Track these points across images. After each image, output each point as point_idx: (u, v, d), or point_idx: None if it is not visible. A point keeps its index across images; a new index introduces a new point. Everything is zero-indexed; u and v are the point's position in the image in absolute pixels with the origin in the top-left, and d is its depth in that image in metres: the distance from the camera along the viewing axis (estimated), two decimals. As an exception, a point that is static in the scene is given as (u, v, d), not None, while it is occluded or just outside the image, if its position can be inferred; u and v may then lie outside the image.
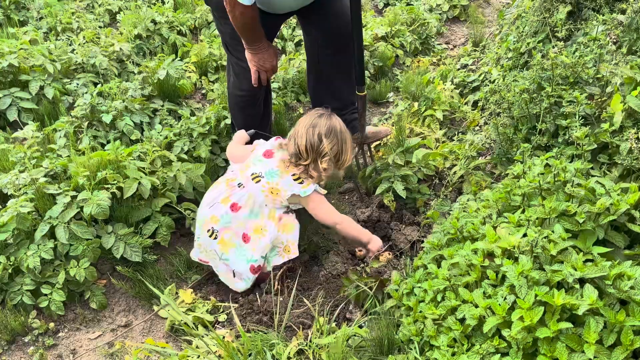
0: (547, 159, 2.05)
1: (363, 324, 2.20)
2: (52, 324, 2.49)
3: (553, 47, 2.78)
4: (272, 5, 2.63)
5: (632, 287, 1.48)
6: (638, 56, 2.44)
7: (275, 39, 5.18)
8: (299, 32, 5.07)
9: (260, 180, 2.43)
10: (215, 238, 2.47)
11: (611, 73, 2.31)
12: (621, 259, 1.67)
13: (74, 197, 2.58)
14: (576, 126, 2.18)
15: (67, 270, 2.49)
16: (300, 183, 2.39)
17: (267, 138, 2.67)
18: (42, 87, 3.84)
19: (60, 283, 2.48)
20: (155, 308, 2.56)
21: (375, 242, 2.50)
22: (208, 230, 2.48)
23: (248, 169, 2.49)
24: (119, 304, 2.63)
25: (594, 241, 1.71)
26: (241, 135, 2.86)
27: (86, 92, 3.93)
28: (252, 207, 2.44)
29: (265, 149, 2.53)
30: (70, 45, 4.70)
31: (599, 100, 2.32)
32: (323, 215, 2.47)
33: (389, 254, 2.58)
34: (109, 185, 2.65)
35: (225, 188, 2.51)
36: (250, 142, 2.79)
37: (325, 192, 2.50)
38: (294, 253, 2.50)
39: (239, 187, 2.47)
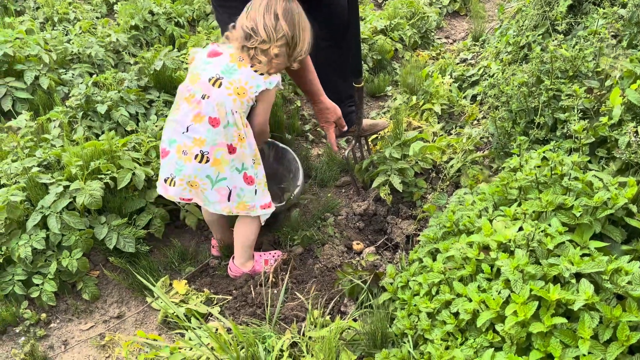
0: (544, 152, 2.02)
1: (357, 318, 2.18)
2: (43, 315, 2.46)
3: (553, 41, 2.75)
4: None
5: (629, 282, 1.46)
6: (638, 50, 2.41)
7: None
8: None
9: (221, 82, 2.18)
10: (207, 161, 2.24)
11: (611, 67, 2.28)
12: (618, 253, 1.65)
13: (66, 187, 2.56)
14: (574, 120, 2.16)
15: (59, 260, 2.47)
16: (261, 74, 2.19)
17: None
18: (37, 77, 3.81)
19: (52, 273, 2.45)
20: (149, 300, 2.53)
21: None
22: (196, 156, 2.23)
23: (200, 78, 2.22)
24: (111, 295, 2.60)
25: (590, 235, 1.68)
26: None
27: (81, 83, 3.89)
28: (225, 117, 2.20)
29: (207, 51, 2.27)
30: (66, 35, 4.66)
31: (598, 94, 2.29)
32: (263, 113, 2.34)
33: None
34: (103, 176, 2.62)
35: (189, 107, 2.24)
36: None
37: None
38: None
39: (204, 98, 2.20)
